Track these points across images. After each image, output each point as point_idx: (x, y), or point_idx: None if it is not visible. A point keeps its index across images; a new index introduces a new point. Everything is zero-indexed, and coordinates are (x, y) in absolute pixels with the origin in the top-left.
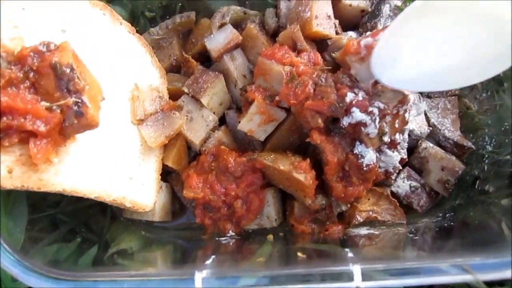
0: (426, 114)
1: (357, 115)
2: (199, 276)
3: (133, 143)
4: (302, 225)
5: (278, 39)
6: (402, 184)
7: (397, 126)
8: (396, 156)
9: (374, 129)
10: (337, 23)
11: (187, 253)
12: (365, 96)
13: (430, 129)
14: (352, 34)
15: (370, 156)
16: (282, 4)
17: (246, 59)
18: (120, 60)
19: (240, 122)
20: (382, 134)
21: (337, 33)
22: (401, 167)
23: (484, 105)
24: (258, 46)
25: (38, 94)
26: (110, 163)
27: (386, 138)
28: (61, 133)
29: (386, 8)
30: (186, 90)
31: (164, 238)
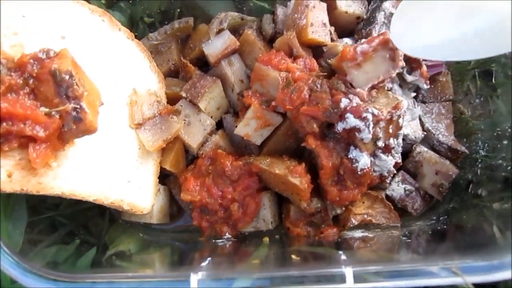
0: (420, 119)
1: (351, 121)
2: (195, 278)
3: (131, 147)
4: (297, 228)
5: (274, 45)
6: (397, 187)
7: (391, 131)
8: (390, 160)
9: (368, 134)
10: (332, 30)
11: (185, 255)
12: (359, 102)
13: (424, 133)
14: (347, 41)
15: (364, 160)
16: (279, 10)
17: (244, 65)
18: (118, 65)
19: (237, 126)
20: (376, 139)
21: (332, 40)
22: (395, 171)
23: (477, 110)
24: (255, 51)
25: (38, 100)
26: (109, 167)
27: (380, 143)
28: (60, 138)
29: (381, 15)
30: (184, 94)
31: (162, 240)
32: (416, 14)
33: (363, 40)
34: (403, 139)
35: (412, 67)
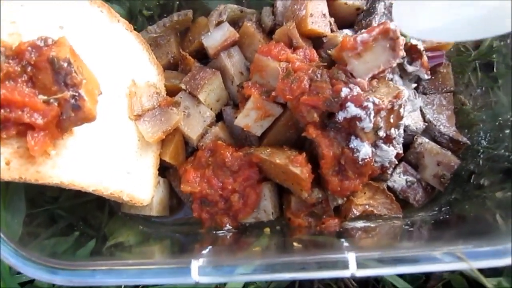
0: (421, 110)
1: (352, 110)
2: (196, 264)
3: (130, 138)
4: (298, 218)
5: (274, 36)
6: (398, 179)
7: (392, 121)
8: (392, 151)
9: (369, 123)
10: (332, 21)
11: (185, 247)
12: (360, 91)
13: (425, 124)
14: (347, 32)
15: (365, 150)
16: (279, 2)
17: (243, 57)
18: (117, 57)
19: (237, 117)
20: (377, 128)
21: (332, 31)
22: (397, 162)
23: (478, 101)
24: (254, 43)
25: (36, 88)
26: (108, 158)
27: (382, 133)
28: (58, 126)
29: (380, 6)
30: (184, 86)
31: (161, 233)
32: None
33: (363, 31)
34: (404, 130)
35: (412, 58)
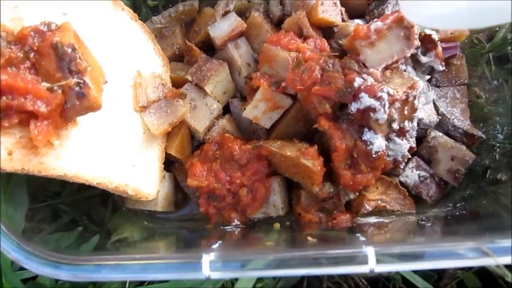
0: (435, 103)
1: (365, 100)
2: (207, 258)
3: (135, 131)
4: (309, 214)
5: (283, 26)
6: (411, 174)
7: (406, 113)
8: (405, 144)
9: (383, 114)
10: (343, 11)
11: (191, 243)
12: (373, 81)
13: (439, 118)
14: (359, 22)
15: (379, 142)
16: None
17: (250, 48)
18: (122, 46)
19: (245, 109)
20: (391, 120)
21: (343, 20)
22: (410, 156)
23: (493, 94)
24: (262, 34)
25: (39, 75)
26: (112, 150)
27: (395, 125)
28: (62, 115)
29: None
30: (190, 78)
31: (166, 229)
32: None
33: (375, 19)
34: (417, 124)
35: (427, 48)
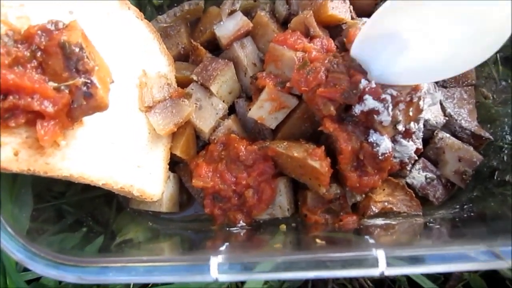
0: (441, 104)
1: (369, 103)
2: (215, 261)
3: (141, 131)
4: (315, 215)
5: (290, 25)
6: (418, 175)
7: (411, 114)
8: (411, 145)
9: (387, 116)
10: (351, 8)
11: (196, 244)
12: (377, 83)
13: (446, 119)
14: (367, 20)
15: (385, 144)
16: None
17: (256, 47)
18: (127, 45)
19: (250, 109)
20: (396, 122)
21: (352, 18)
22: (416, 157)
23: (501, 95)
24: (268, 34)
25: (46, 74)
26: (118, 150)
27: (400, 127)
28: (69, 115)
29: None
30: (195, 77)
31: (171, 230)
32: (371, 47)
33: None
34: (424, 125)
35: None
